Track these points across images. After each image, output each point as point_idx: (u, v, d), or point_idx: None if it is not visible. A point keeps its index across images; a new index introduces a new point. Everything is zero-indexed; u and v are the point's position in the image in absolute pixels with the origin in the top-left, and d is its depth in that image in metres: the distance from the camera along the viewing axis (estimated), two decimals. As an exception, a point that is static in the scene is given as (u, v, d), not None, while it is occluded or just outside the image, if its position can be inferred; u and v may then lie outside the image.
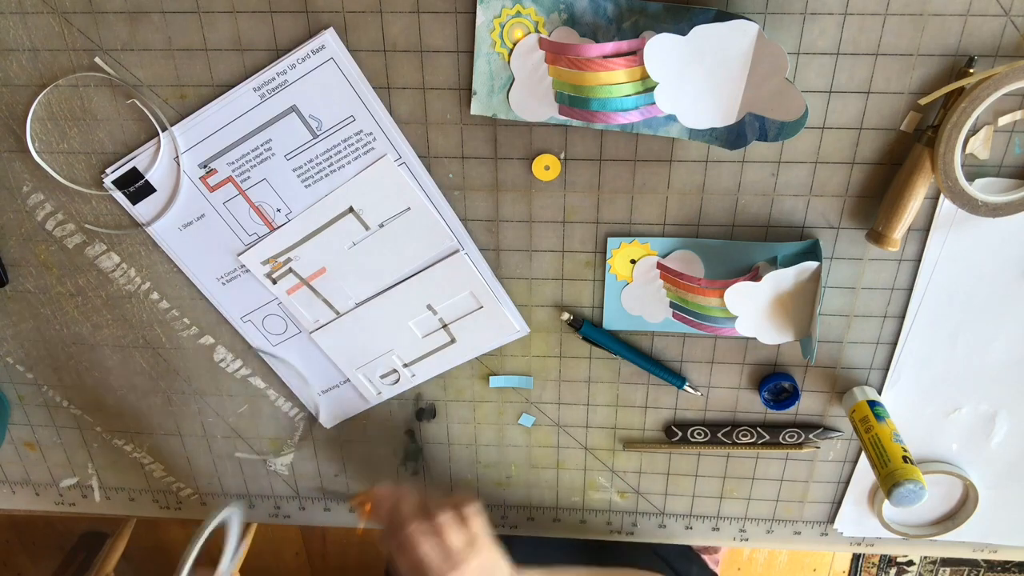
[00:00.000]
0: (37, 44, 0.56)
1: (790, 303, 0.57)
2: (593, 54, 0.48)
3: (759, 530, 0.76)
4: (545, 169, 0.58)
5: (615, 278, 0.62)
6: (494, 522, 0.78)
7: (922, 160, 0.53)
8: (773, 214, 0.58)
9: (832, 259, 0.60)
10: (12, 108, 0.59)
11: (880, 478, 0.59)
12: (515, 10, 0.51)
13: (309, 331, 0.67)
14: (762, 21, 0.51)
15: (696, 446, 0.70)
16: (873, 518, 0.73)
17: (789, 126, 0.49)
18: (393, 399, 0.71)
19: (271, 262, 0.63)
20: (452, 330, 0.66)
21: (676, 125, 0.53)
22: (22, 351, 0.72)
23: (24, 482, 0.82)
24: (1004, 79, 0.49)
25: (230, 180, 0.60)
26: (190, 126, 0.58)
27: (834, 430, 0.68)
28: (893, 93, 0.53)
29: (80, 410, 0.76)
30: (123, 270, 0.66)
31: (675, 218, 0.59)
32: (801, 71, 0.53)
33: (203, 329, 0.68)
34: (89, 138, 0.60)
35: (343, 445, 0.75)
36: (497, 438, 0.72)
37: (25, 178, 0.62)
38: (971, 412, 0.66)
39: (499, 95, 0.55)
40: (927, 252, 0.58)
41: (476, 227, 0.61)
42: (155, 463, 0.78)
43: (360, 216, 0.60)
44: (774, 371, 0.66)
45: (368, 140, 0.57)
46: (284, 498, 0.79)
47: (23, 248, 0.66)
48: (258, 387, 0.72)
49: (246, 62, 0.55)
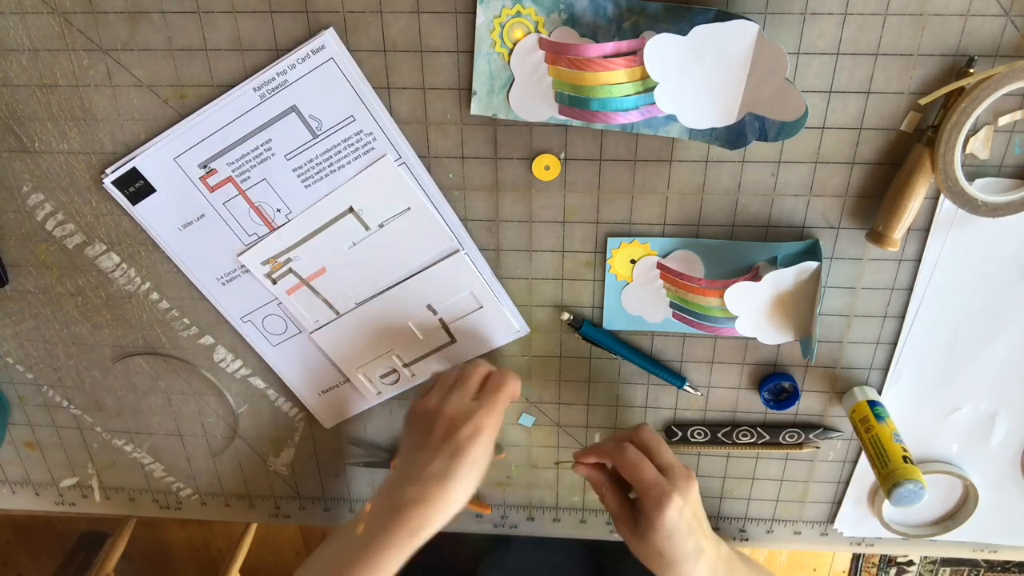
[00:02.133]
0: (37, 44, 0.56)
1: (790, 303, 0.57)
2: (593, 54, 0.48)
3: (759, 530, 0.76)
4: (545, 169, 0.58)
5: (615, 278, 0.62)
6: (494, 522, 0.78)
7: (922, 160, 0.53)
8: (773, 214, 0.58)
9: (832, 259, 0.60)
10: (12, 108, 0.59)
11: (880, 478, 0.59)
12: (515, 10, 0.51)
13: (309, 331, 0.67)
14: (762, 21, 0.51)
15: (696, 446, 0.70)
16: (873, 518, 0.73)
17: (789, 126, 0.49)
18: (393, 399, 0.71)
19: (271, 262, 0.63)
20: (452, 330, 0.66)
21: (676, 125, 0.53)
22: (22, 351, 0.72)
23: (24, 482, 0.82)
24: (1004, 79, 0.49)
25: (230, 180, 0.60)
26: (190, 126, 0.58)
27: (834, 430, 0.68)
28: (893, 93, 0.53)
29: (80, 410, 0.76)
30: (123, 270, 0.66)
31: (675, 218, 0.59)
32: (801, 71, 0.53)
33: (203, 329, 0.68)
34: (89, 138, 0.60)
35: (343, 445, 0.75)
36: (498, 438, 0.72)
37: (25, 178, 0.62)
38: (971, 412, 0.66)
39: (499, 95, 0.55)
40: (927, 252, 0.58)
41: (476, 227, 0.61)
42: (155, 463, 0.78)
43: (360, 216, 0.60)
44: (774, 371, 0.66)
45: (368, 140, 0.57)
46: (284, 498, 0.79)
47: (23, 248, 0.66)
48: (258, 387, 0.72)
49: (246, 62, 0.55)
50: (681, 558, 0.55)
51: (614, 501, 0.57)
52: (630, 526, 0.56)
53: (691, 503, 0.55)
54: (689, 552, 0.55)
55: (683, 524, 0.54)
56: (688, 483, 0.56)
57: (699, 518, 0.57)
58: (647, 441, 0.58)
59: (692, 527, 0.55)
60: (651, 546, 0.54)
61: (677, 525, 0.54)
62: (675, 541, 0.54)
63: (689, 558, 0.55)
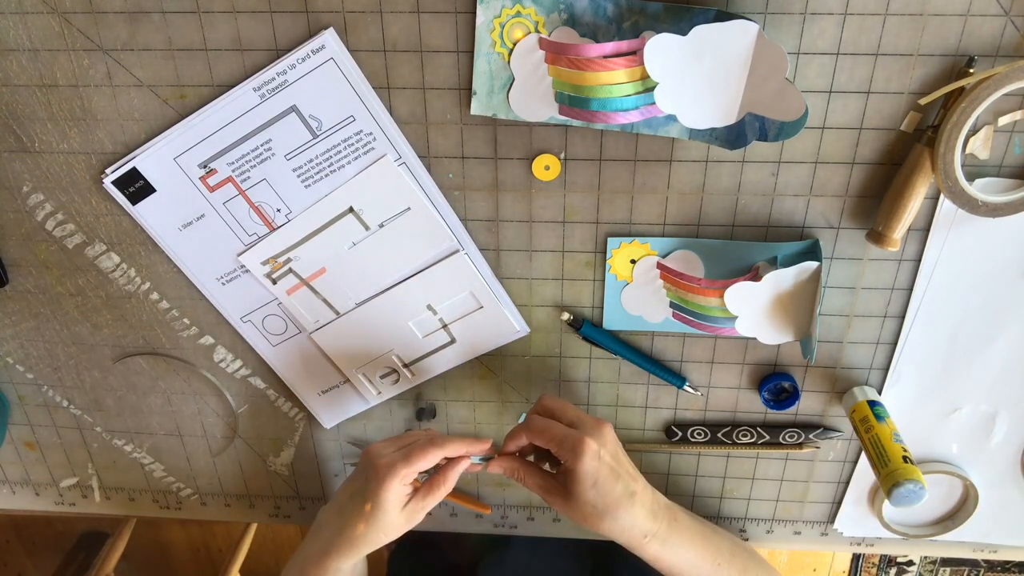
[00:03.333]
0: (37, 44, 0.56)
1: (790, 303, 0.57)
2: (593, 54, 0.48)
3: (759, 530, 0.76)
4: (545, 169, 0.58)
5: (615, 278, 0.62)
6: (494, 522, 0.78)
7: (922, 160, 0.53)
8: (773, 214, 0.58)
9: (832, 259, 0.60)
10: (12, 108, 0.59)
11: (880, 478, 0.59)
12: (515, 10, 0.51)
13: (309, 331, 0.67)
14: (762, 21, 0.51)
15: (696, 446, 0.70)
16: (873, 518, 0.73)
17: (789, 126, 0.49)
18: (393, 399, 0.71)
19: (271, 262, 0.63)
20: (452, 330, 0.66)
21: (676, 125, 0.53)
22: (22, 351, 0.72)
23: (24, 482, 0.82)
24: (1004, 79, 0.49)
25: (230, 180, 0.60)
26: (190, 126, 0.58)
27: (834, 430, 0.68)
28: (893, 93, 0.53)
29: (80, 410, 0.76)
30: (123, 270, 0.66)
31: (675, 218, 0.59)
32: (801, 71, 0.53)
33: (203, 329, 0.68)
34: (89, 138, 0.60)
35: (343, 445, 0.75)
36: (497, 438, 0.72)
37: (25, 178, 0.62)
38: (971, 412, 0.66)
39: (499, 95, 0.55)
40: (927, 252, 0.58)
41: (476, 227, 0.61)
42: (155, 463, 0.78)
43: (360, 216, 0.60)
44: (774, 371, 0.66)
45: (368, 140, 0.57)
46: (284, 498, 0.79)
47: (23, 248, 0.66)
48: (258, 387, 0.72)
49: (246, 62, 0.55)
50: (612, 503, 0.54)
51: (534, 478, 0.56)
52: (559, 493, 0.55)
53: (607, 445, 0.54)
54: (620, 496, 0.54)
55: (604, 468, 0.53)
56: (599, 428, 0.55)
57: (620, 460, 0.55)
58: (550, 406, 0.58)
59: (615, 470, 0.54)
60: (581, 501, 0.53)
61: (598, 470, 0.53)
62: (602, 487, 0.53)
63: (621, 502, 0.54)
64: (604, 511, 0.54)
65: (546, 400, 0.59)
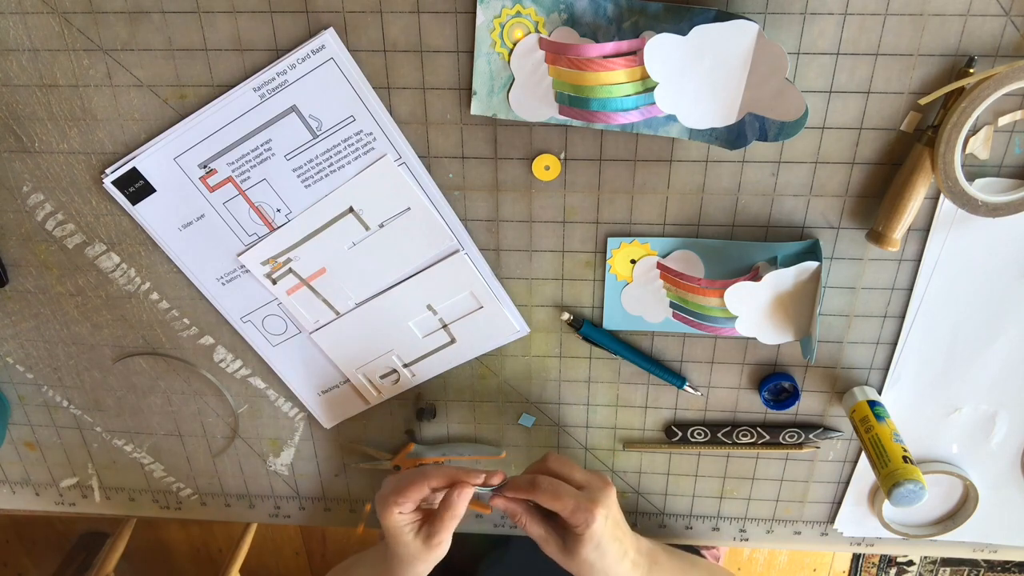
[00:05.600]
0: (37, 44, 0.56)
1: (790, 303, 0.57)
2: (593, 54, 0.48)
3: (759, 530, 0.76)
4: (545, 169, 0.58)
5: (615, 278, 0.62)
6: (494, 522, 0.78)
7: (922, 160, 0.53)
8: (773, 214, 0.58)
9: (832, 259, 0.60)
10: (12, 108, 0.59)
11: (880, 478, 0.59)
12: (515, 10, 0.51)
13: (309, 331, 0.67)
14: (762, 21, 0.51)
15: (696, 446, 0.70)
16: (873, 518, 0.73)
17: (789, 126, 0.49)
18: (393, 399, 0.71)
19: (271, 262, 0.63)
20: (452, 330, 0.66)
21: (676, 125, 0.53)
22: (22, 351, 0.72)
23: (24, 482, 0.82)
24: (1004, 79, 0.49)
25: (230, 180, 0.60)
26: (190, 126, 0.58)
27: (834, 430, 0.68)
28: (893, 93, 0.53)
29: (80, 410, 0.76)
30: (123, 270, 0.66)
31: (675, 218, 0.59)
32: (801, 71, 0.53)
33: (203, 329, 0.68)
34: (89, 138, 0.60)
35: (343, 445, 0.75)
36: (497, 438, 0.72)
37: (25, 178, 0.62)
38: (971, 412, 0.66)
39: (499, 95, 0.55)
40: (927, 252, 0.58)
41: (476, 227, 0.61)
42: (155, 463, 0.78)
43: (360, 216, 0.60)
44: (774, 371, 0.66)
45: (368, 140, 0.57)
46: (284, 498, 0.79)
47: (23, 248, 0.66)
48: (258, 387, 0.72)
49: (246, 62, 0.56)
50: (609, 563, 0.58)
51: (537, 527, 0.59)
52: (558, 545, 0.58)
53: (612, 509, 0.58)
54: (616, 555, 0.58)
55: (608, 532, 0.57)
56: (606, 492, 0.58)
57: (619, 522, 0.59)
58: (556, 468, 0.60)
59: (615, 533, 0.58)
60: (582, 559, 0.57)
61: (603, 535, 0.56)
62: (603, 548, 0.57)
63: (617, 561, 0.59)
64: (600, 569, 0.58)
65: (552, 462, 0.60)
